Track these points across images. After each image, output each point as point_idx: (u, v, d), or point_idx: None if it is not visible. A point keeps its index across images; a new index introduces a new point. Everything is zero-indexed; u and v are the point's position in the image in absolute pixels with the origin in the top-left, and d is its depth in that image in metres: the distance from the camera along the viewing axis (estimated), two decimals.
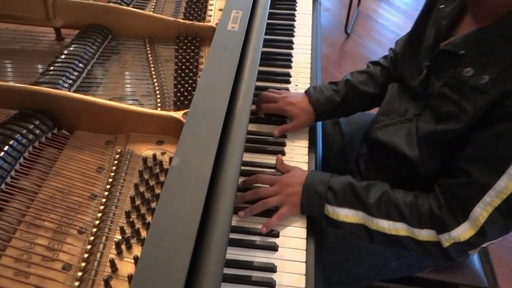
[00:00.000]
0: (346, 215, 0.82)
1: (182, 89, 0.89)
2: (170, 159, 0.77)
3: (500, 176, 0.69)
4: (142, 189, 0.72)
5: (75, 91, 0.88)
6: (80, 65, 0.92)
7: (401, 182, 0.96)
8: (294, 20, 1.43)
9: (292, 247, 0.83)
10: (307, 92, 1.05)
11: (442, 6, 0.86)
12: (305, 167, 0.98)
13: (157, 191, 0.72)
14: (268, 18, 1.04)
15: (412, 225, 0.79)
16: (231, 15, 0.97)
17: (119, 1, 1.10)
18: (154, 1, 1.16)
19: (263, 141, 1.02)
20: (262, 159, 0.98)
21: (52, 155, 0.78)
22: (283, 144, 1.02)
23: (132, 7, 1.10)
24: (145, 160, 0.76)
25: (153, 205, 0.70)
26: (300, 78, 1.22)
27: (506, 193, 0.68)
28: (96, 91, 0.92)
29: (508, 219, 0.71)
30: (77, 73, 0.91)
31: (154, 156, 0.77)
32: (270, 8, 1.07)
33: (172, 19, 1.03)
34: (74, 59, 0.92)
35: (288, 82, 1.19)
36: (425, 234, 0.79)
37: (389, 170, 0.97)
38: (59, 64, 0.91)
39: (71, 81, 0.88)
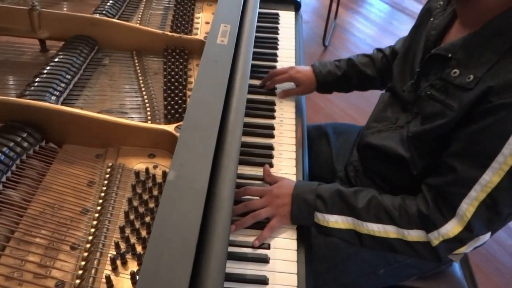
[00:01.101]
0: (336, 221, 0.84)
1: (172, 102, 0.89)
2: (163, 172, 0.76)
3: (484, 170, 0.71)
4: (135, 203, 0.72)
5: (62, 104, 0.87)
6: (67, 76, 0.91)
7: (390, 188, 0.98)
8: (278, 33, 1.45)
9: (283, 259, 0.83)
10: (312, 65, 1.20)
11: (432, 19, 0.91)
12: (293, 178, 0.99)
13: (151, 205, 0.72)
14: None
15: (402, 227, 0.81)
16: (219, 29, 0.98)
17: (104, 12, 1.09)
18: (140, 13, 1.16)
19: (250, 153, 1.02)
20: (249, 171, 0.99)
21: (40, 169, 0.77)
22: (271, 156, 1.03)
23: (118, 19, 1.10)
24: (137, 174, 0.76)
25: (147, 219, 0.70)
26: (287, 88, 1.23)
27: (490, 186, 0.71)
28: (83, 104, 0.91)
29: (493, 212, 0.73)
30: (64, 84, 0.89)
31: (147, 169, 0.76)
32: None
33: (160, 31, 1.03)
34: (61, 70, 0.91)
35: (274, 94, 1.21)
36: (414, 235, 0.81)
37: (378, 176, 0.99)
38: (46, 76, 0.89)
39: (58, 93, 0.87)
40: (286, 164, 1.03)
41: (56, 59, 0.94)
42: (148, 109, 0.89)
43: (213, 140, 0.73)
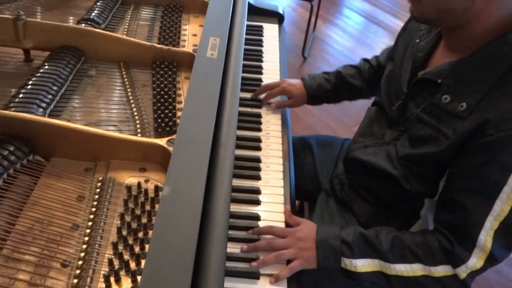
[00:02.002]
0: (363, 265, 0.84)
1: (162, 115, 0.88)
2: (156, 187, 0.76)
3: (494, 201, 0.73)
4: (128, 218, 0.71)
5: (49, 116, 0.85)
6: (54, 88, 0.89)
7: (375, 202, 1.00)
8: (262, 46, 1.46)
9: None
10: (302, 78, 1.21)
11: (418, 40, 0.92)
12: (281, 191, 1.00)
13: (144, 220, 0.71)
14: None
15: (428, 264, 0.81)
16: (209, 42, 0.98)
17: (89, 22, 1.08)
18: (127, 24, 1.15)
19: (238, 166, 1.02)
20: (237, 183, 0.99)
21: (28, 183, 0.75)
22: (259, 169, 1.03)
23: (104, 30, 1.09)
24: (129, 188, 0.75)
25: (140, 235, 0.69)
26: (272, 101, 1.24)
27: (503, 215, 0.73)
28: (70, 116, 0.89)
29: (509, 236, 0.75)
30: (51, 96, 0.88)
31: (139, 184, 0.76)
32: None
33: (149, 43, 1.03)
34: (47, 81, 0.89)
35: (260, 107, 1.22)
36: (441, 270, 0.81)
37: (364, 189, 1.01)
38: (32, 87, 0.87)
39: (45, 105, 0.86)
40: (273, 176, 1.04)
41: (42, 70, 0.92)
42: (138, 122, 0.88)
43: (207, 155, 0.73)
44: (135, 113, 0.90)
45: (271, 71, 1.36)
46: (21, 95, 0.86)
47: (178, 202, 0.65)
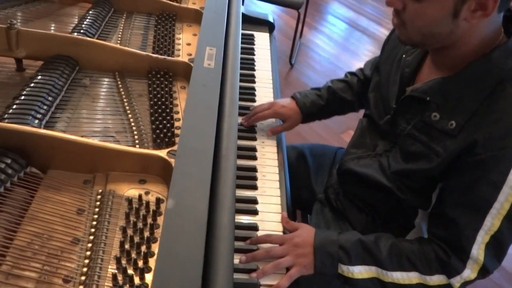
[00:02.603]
0: (360, 271, 0.85)
1: (160, 126, 0.88)
2: (157, 199, 0.75)
3: (485, 217, 0.76)
4: (130, 232, 0.70)
5: (44, 127, 0.84)
6: (49, 98, 0.88)
7: (370, 211, 1.01)
8: (254, 54, 1.46)
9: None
10: (293, 97, 1.18)
11: (404, 56, 0.94)
12: (278, 200, 1.00)
13: (146, 233, 0.70)
14: None
15: (424, 273, 0.83)
16: (205, 52, 0.98)
17: (82, 31, 1.07)
18: (120, 33, 1.14)
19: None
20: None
21: (26, 197, 0.73)
22: (255, 178, 1.03)
23: (97, 39, 1.07)
24: (130, 201, 0.74)
25: (143, 248, 0.68)
26: None
27: (493, 230, 0.76)
28: (66, 127, 0.88)
29: (499, 248, 0.79)
30: (46, 107, 0.86)
31: (140, 196, 0.75)
32: None
33: (144, 53, 1.02)
34: (42, 91, 0.88)
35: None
36: (436, 279, 0.83)
37: (360, 200, 1.02)
38: (27, 97, 0.86)
39: (40, 116, 0.84)
40: (270, 186, 1.04)
41: (36, 80, 0.90)
42: (135, 132, 0.87)
43: (209, 167, 0.73)
44: (132, 124, 0.89)
45: (263, 80, 1.36)
46: (15, 106, 0.84)
47: (183, 215, 0.64)
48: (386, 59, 1.01)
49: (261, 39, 1.56)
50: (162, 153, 0.78)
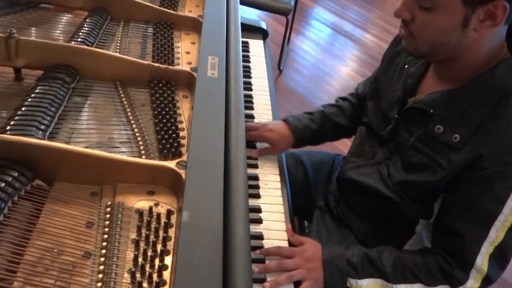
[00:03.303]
0: (368, 285, 0.87)
1: (166, 136, 0.87)
2: (168, 211, 0.74)
3: (489, 229, 0.78)
4: (142, 245, 0.69)
5: (48, 138, 0.82)
6: (52, 109, 0.87)
7: (371, 219, 1.03)
8: (249, 62, 1.47)
9: None
10: (285, 120, 1.14)
11: (407, 66, 0.95)
12: (281, 209, 1.01)
13: (159, 246, 0.70)
14: None
15: (427, 284, 0.85)
16: (208, 61, 0.98)
17: (79, 40, 1.05)
18: (118, 41, 1.13)
19: None
20: None
21: (31, 210, 0.72)
22: (257, 187, 1.03)
23: (95, 47, 1.06)
24: (141, 213, 0.73)
25: (157, 261, 0.67)
26: (264, 120, 1.25)
27: (497, 241, 0.78)
28: (69, 138, 0.86)
29: (503, 258, 0.81)
30: (49, 117, 0.85)
31: (150, 209, 0.74)
32: None
33: (146, 62, 1.01)
34: (44, 102, 0.86)
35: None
36: None
37: (360, 207, 1.03)
38: (29, 108, 0.84)
39: (44, 127, 0.83)
40: (272, 194, 1.04)
41: (38, 90, 0.89)
42: (141, 143, 0.87)
43: (221, 177, 0.74)
44: (137, 134, 0.89)
45: (260, 87, 1.37)
46: (17, 117, 0.82)
47: (199, 228, 0.64)
48: (386, 68, 1.02)
49: (256, 46, 1.57)
50: (171, 164, 0.78)
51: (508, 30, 0.79)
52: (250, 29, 1.61)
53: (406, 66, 0.95)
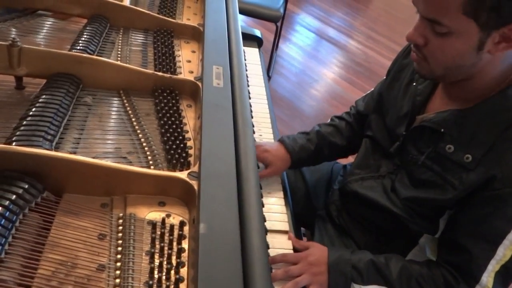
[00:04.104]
0: None
1: (174, 146, 0.87)
2: (181, 223, 0.74)
3: (497, 247, 0.79)
4: (158, 257, 0.69)
5: (54, 149, 0.81)
6: (57, 118, 0.86)
7: (374, 230, 1.04)
8: (246, 70, 1.48)
9: None
10: (281, 141, 1.12)
11: (414, 84, 0.95)
12: (285, 218, 1.02)
13: (174, 258, 0.69)
14: None
15: None
16: (213, 71, 0.99)
17: (79, 48, 1.04)
18: (119, 49, 1.12)
19: None
20: None
21: (42, 222, 0.71)
22: (261, 196, 1.04)
23: (96, 55, 1.05)
24: (154, 225, 0.73)
25: (172, 274, 0.67)
26: (263, 128, 1.26)
27: (505, 260, 0.79)
28: (74, 149, 0.85)
29: (508, 276, 0.82)
30: (55, 127, 0.84)
31: (163, 220, 0.74)
32: None
33: (150, 71, 1.01)
34: (50, 111, 0.85)
35: (252, 132, 1.22)
36: None
37: (363, 219, 1.04)
38: (34, 118, 0.83)
39: (50, 137, 0.82)
40: (275, 203, 1.05)
41: (42, 99, 0.88)
42: (148, 153, 0.86)
43: (234, 188, 0.74)
44: (144, 144, 0.88)
45: (258, 96, 1.38)
46: (23, 128, 0.81)
47: (217, 239, 0.65)
48: (392, 82, 1.02)
49: (252, 55, 1.58)
50: (183, 175, 0.78)
51: None
52: (245, 37, 1.61)
53: (414, 84, 0.95)
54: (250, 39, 1.62)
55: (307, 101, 2.93)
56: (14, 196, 0.68)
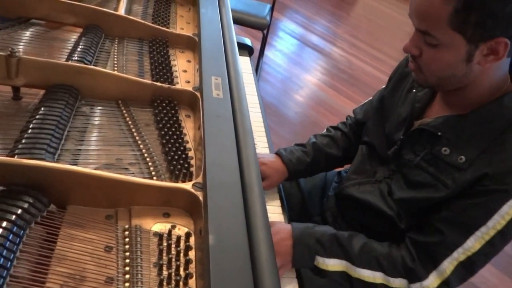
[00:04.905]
0: (334, 264, 0.93)
1: (176, 157, 0.88)
2: (187, 234, 0.75)
3: (469, 237, 0.83)
4: (166, 269, 0.69)
5: (57, 161, 0.81)
6: (58, 131, 0.85)
7: (370, 235, 1.06)
8: None
9: None
10: (278, 153, 1.15)
11: (414, 91, 1.00)
12: (282, 220, 1.03)
13: (182, 269, 0.70)
14: None
15: (388, 275, 0.91)
16: (211, 82, 1.00)
17: (76, 58, 1.04)
18: (115, 59, 1.12)
19: None
20: None
21: (48, 235, 0.71)
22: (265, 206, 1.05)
23: (93, 65, 1.05)
24: (160, 236, 0.74)
25: (181, 285, 0.68)
26: (257, 137, 1.27)
27: (472, 251, 0.83)
28: (75, 160, 0.85)
29: (468, 271, 0.87)
30: (56, 139, 0.84)
31: (170, 232, 0.75)
32: None
33: (149, 82, 1.01)
34: (51, 123, 0.85)
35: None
36: (398, 283, 0.91)
37: (359, 224, 1.06)
38: (35, 130, 0.83)
39: (52, 150, 0.81)
40: (273, 211, 1.07)
41: (42, 111, 0.87)
42: (150, 164, 0.87)
43: (240, 198, 0.75)
44: (146, 155, 0.88)
45: (252, 104, 1.39)
46: (25, 140, 0.81)
47: (226, 250, 0.65)
48: (393, 89, 1.06)
49: (243, 63, 1.59)
50: (188, 186, 0.79)
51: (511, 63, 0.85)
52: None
53: (414, 90, 1.00)
54: (241, 48, 1.63)
55: (293, 107, 2.96)
56: (19, 211, 0.68)
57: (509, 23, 0.73)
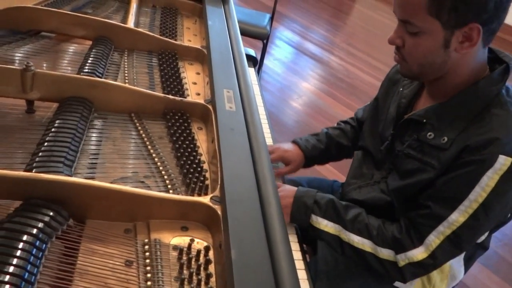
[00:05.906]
0: (326, 225, 1.00)
1: (191, 170, 0.88)
2: (206, 248, 0.75)
3: (453, 211, 0.88)
4: (187, 283, 0.70)
5: (74, 174, 0.82)
6: (74, 143, 0.86)
7: None
8: None
9: None
10: (295, 141, 1.27)
11: (401, 89, 1.07)
12: (293, 237, 1.04)
13: (203, 283, 0.70)
14: None
15: (376, 244, 0.97)
16: (224, 95, 1.01)
17: (86, 71, 1.04)
18: (126, 72, 1.13)
19: None
20: None
21: (68, 250, 0.71)
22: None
23: (104, 78, 1.06)
24: (181, 250, 0.74)
25: None
26: None
27: (456, 225, 0.87)
28: (90, 174, 0.86)
29: (455, 247, 0.91)
30: (73, 152, 0.84)
31: (189, 246, 0.75)
32: None
33: (162, 94, 1.02)
34: (67, 137, 0.86)
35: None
36: (385, 253, 0.96)
37: None
38: (52, 144, 0.83)
39: (69, 163, 0.82)
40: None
41: (57, 124, 0.88)
42: (166, 177, 0.87)
43: (258, 212, 0.76)
44: (161, 168, 0.89)
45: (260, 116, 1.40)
46: (42, 153, 0.81)
47: (248, 264, 0.66)
48: (384, 95, 1.13)
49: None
50: (206, 199, 0.79)
51: (490, 56, 0.93)
52: None
53: (401, 89, 1.07)
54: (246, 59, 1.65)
55: (292, 116, 2.97)
56: (40, 224, 0.68)
57: (480, 8, 0.79)
